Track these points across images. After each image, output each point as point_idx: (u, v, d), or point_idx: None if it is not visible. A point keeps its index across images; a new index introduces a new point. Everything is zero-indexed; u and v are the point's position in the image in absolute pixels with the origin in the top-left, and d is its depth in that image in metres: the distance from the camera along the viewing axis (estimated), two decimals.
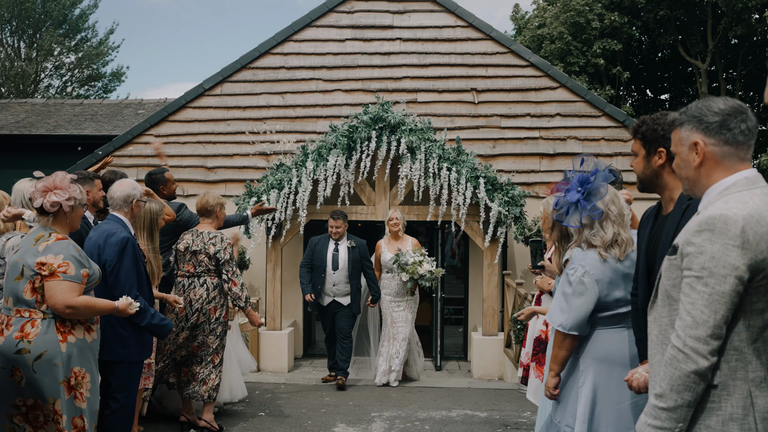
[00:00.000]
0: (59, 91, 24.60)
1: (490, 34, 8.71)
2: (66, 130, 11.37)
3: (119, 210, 4.04)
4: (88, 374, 3.25)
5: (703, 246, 1.83)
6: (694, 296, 1.83)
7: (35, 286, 3.18)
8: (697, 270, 1.83)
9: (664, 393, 1.85)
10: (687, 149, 2.03)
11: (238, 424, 5.45)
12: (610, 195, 3.01)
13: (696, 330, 1.81)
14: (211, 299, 5.09)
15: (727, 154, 1.96)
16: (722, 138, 1.96)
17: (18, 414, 3.17)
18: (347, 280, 6.88)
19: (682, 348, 1.83)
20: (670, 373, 1.85)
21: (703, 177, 2.00)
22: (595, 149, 8.37)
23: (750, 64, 20.71)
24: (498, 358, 7.45)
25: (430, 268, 6.78)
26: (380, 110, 7.25)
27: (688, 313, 1.83)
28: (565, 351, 2.98)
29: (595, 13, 18.90)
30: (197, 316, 5.07)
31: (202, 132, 8.79)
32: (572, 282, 2.95)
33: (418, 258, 6.81)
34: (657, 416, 1.86)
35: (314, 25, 8.86)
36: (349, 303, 6.94)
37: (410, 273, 6.76)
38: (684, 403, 1.83)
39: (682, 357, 1.82)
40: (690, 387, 1.82)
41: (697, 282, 1.82)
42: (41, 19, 23.62)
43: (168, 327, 3.92)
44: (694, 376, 1.81)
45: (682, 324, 1.84)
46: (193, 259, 5.11)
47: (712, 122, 1.96)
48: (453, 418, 5.75)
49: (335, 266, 6.87)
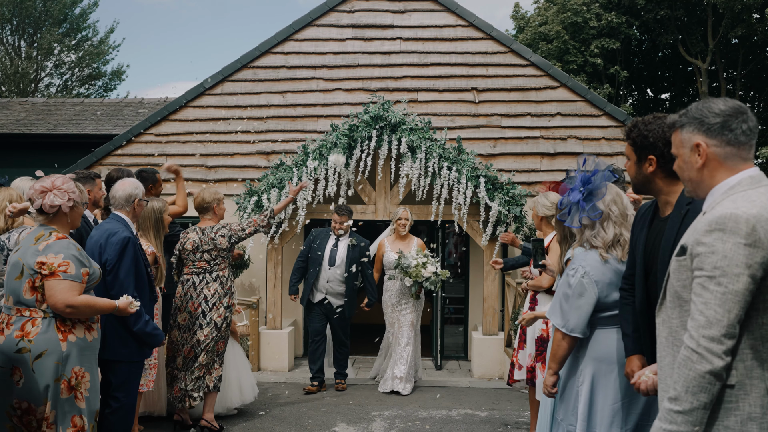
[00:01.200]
0: (59, 90, 24.60)
1: (491, 33, 8.71)
2: (66, 129, 11.36)
3: (121, 209, 4.04)
4: (87, 374, 3.25)
5: (715, 245, 1.82)
6: (707, 296, 1.81)
7: (35, 286, 3.17)
8: (709, 269, 1.82)
9: (679, 396, 1.83)
10: (689, 151, 2.03)
11: (238, 423, 5.45)
12: (612, 195, 3.00)
13: (710, 330, 1.80)
14: (226, 292, 5.20)
15: (730, 155, 1.97)
16: (724, 139, 1.96)
17: (15, 416, 3.17)
18: (342, 279, 6.54)
19: (695, 348, 1.81)
20: (684, 374, 1.83)
21: (706, 178, 2.00)
22: (595, 149, 8.37)
23: (750, 63, 20.70)
24: (498, 357, 7.45)
25: (434, 270, 6.49)
26: (381, 109, 7.25)
27: (701, 313, 1.82)
28: (564, 350, 3.00)
29: (593, 12, 18.90)
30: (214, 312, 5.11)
31: (202, 131, 8.79)
32: (572, 283, 2.95)
33: (422, 260, 6.49)
34: (673, 420, 1.84)
35: (315, 24, 8.86)
36: (342, 304, 6.59)
37: (414, 276, 6.46)
38: (700, 405, 1.81)
39: (697, 357, 1.81)
40: (705, 388, 1.80)
41: (710, 281, 1.81)
42: (41, 18, 23.62)
43: (159, 338, 3.89)
44: (709, 376, 1.79)
45: (695, 324, 1.83)
46: (206, 256, 5.20)
47: (714, 123, 1.97)
48: (453, 418, 5.75)
49: (332, 262, 6.55)
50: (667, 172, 2.59)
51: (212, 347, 5.13)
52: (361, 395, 6.50)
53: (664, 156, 2.53)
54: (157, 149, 8.79)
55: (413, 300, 6.71)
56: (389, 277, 6.76)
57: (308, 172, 7.22)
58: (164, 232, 4.76)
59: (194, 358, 5.13)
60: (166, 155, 8.69)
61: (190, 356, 5.14)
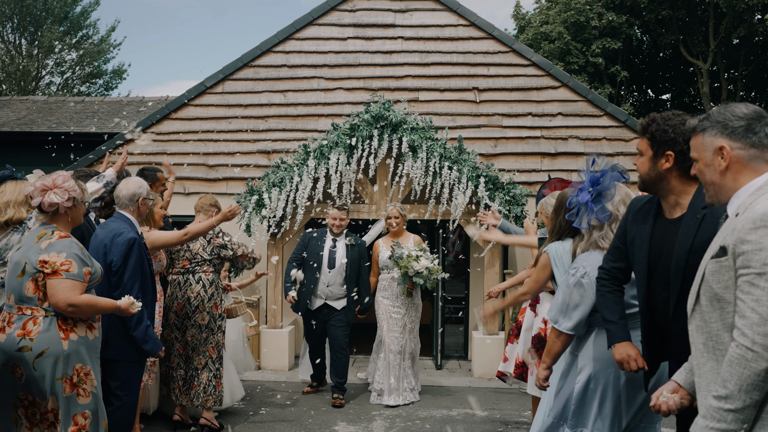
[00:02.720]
0: (60, 88, 24.60)
1: (492, 33, 8.71)
2: (67, 128, 11.36)
3: (125, 208, 4.05)
4: (91, 371, 3.25)
5: (762, 242, 1.82)
6: (758, 293, 1.81)
7: (37, 284, 3.18)
8: (758, 266, 1.81)
9: (732, 394, 1.82)
10: (711, 154, 2.05)
11: (238, 422, 5.45)
12: (621, 196, 2.98)
13: (764, 326, 1.79)
14: (210, 296, 5.14)
15: (754, 157, 1.99)
16: (748, 141, 1.99)
17: (21, 407, 3.19)
18: (343, 282, 6.18)
19: (751, 347, 1.80)
20: (738, 372, 1.81)
21: (729, 181, 2.02)
22: (596, 149, 8.37)
23: (752, 64, 20.69)
24: (499, 357, 7.43)
25: (427, 265, 6.02)
26: (382, 109, 7.25)
27: (754, 311, 1.81)
28: (559, 347, 3.04)
29: (595, 12, 18.89)
30: (199, 314, 5.10)
31: (203, 130, 8.79)
32: (572, 282, 2.97)
33: (416, 252, 6.07)
34: (722, 419, 1.83)
35: (316, 23, 8.86)
36: (343, 307, 6.18)
37: (403, 268, 6.02)
38: (752, 402, 1.81)
39: (752, 356, 1.79)
40: (759, 386, 1.80)
41: (759, 278, 1.81)
42: (42, 16, 23.61)
43: (155, 347, 3.85)
44: (765, 374, 1.78)
45: (748, 322, 1.81)
46: (188, 254, 5.19)
47: (738, 126, 2.00)
48: (453, 417, 5.75)
49: (331, 265, 6.17)
50: (683, 171, 2.54)
51: (203, 350, 5.14)
52: (361, 395, 6.50)
53: (684, 153, 2.48)
54: (158, 148, 8.78)
55: (406, 298, 6.20)
56: (382, 267, 6.32)
57: (309, 171, 7.23)
58: (156, 226, 4.75)
59: (187, 358, 5.17)
60: (167, 154, 8.69)
61: (184, 353, 5.18)
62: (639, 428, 2.94)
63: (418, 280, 6.02)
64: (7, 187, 3.83)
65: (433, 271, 6.08)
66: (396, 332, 6.15)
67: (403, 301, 6.22)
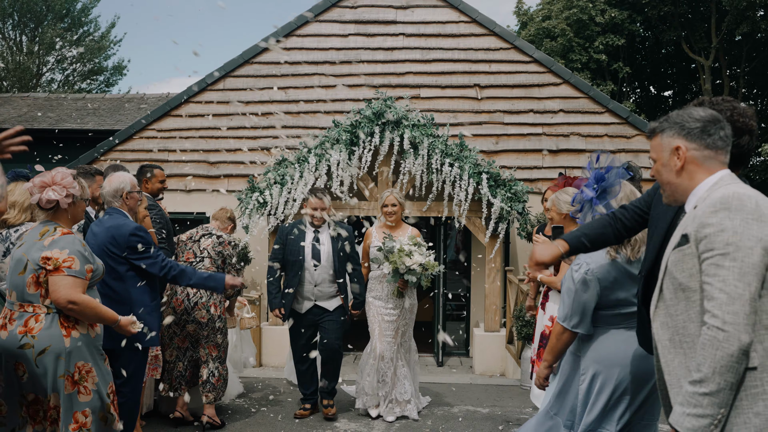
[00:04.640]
0: (61, 85, 24.59)
1: (494, 29, 8.69)
2: (68, 125, 11.36)
3: (113, 205, 4.06)
4: (93, 368, 3.25)
5: (723, 223, 1.84)
6: (723, 273, 1.82)
7: (39, 281, 3.17)
8: (721, 247, 1.83)
9: (706, 377, 1.82)
10: (668, 154, 2.11)
11: (240, 419, 5.45)
12: (625, 193, 2.97)
13: (733, 305, 1.80)
14: (209, 294, 5.14)
15: (708, 158, 2.05)
16: (703, 143, 2.06)
17: (24, 404, 3.19)
18: (332, 279, 5.37)
19: (722, 327, 1.80)
20: (711, 355, 1.81)
21: (685, 180, 2.08)
22: (598, 145, 8.36)
23: (754, 60, 20.64)
24: (500, 354, 7.45)
25: (421, 261, 5.28)
26: (383, 105, 7.23)
27: (721, 291, 1.82)
28: (562, 344, 3.03)
29: (598, 9, 18.85)
30: (197, 311, 5.10)
31: (204, 127, 8.79)
32: (575, 279, 2.97)
33: (409, 246, 5.31)
34: (698, 403, 1.83)
35: (317, 19, 8.85)
36: (336, 307, 5.40)
37: (393, 263, 5.27)
38: (727, 385, 1.80)
39: (724, 336, 1.80)
40: (733, 367, 1.80)
41: (724, 258, 1.83)
42: (43, 13, 23.59)
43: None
44: (738, 353, 1.79)
45: (717, 303, 1.82)
46: (195, 247, 5.21)
47: (694, 128, 2.07)
48: (455, 414, 5.75)
49: (317, 261, 5.34)
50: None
51: (204, 345, 5.14)
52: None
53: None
54: (159, 145, 8.78)
55: (401, 301, 5.47)
56: (372, 259, 5.53)
57: (309, 168, 7.22)
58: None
59: (187, 351, 5.20)
60: (169, 151, 8.68)
61: (183, 347, 5.20)
62: (641, 425, 2.94)
63: (410, 277, 5.29)
64: (17, 187, 3.82)
65: (428, 266, 5.33)
66: (388, 337, 5.44)
67: (397, 302, 5.49)
